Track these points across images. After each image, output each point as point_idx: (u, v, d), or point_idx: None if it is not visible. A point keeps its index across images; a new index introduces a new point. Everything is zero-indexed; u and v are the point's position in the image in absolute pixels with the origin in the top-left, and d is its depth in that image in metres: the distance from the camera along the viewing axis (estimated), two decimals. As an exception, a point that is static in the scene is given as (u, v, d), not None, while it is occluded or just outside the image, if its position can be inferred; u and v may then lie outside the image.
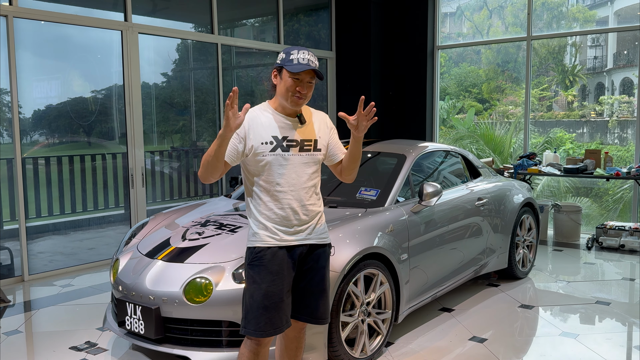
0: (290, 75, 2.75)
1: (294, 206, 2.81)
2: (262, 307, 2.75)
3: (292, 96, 2.77)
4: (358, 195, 4.49)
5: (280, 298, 2.78)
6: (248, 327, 2.79)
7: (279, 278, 2.78)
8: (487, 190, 5.41)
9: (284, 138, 2.81)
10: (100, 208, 7.18)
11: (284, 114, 2.85)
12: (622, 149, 11.50)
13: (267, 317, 2.76)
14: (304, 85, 2.77)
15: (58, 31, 6.47)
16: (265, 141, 2.78)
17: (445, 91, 12.95)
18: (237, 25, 9.04)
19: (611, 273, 6.18)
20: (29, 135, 6.49)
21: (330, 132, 3.00)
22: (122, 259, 4.10)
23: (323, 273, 2.93)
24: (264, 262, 2.78)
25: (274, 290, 2.76)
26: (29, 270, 6.06)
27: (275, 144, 2.79)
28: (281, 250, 2.80)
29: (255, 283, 2.78)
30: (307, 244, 2.87)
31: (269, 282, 2.76)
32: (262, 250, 2.80)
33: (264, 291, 2.76)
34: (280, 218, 2.80)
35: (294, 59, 2.74)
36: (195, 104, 8.07)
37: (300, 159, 2.83)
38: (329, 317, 3.01)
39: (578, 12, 12.60)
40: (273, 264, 2.78)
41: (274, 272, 2.77)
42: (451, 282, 4.84)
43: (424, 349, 4.11)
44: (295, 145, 2.83)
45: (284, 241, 2.81)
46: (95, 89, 6.97)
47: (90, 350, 4.14)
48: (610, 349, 4.11)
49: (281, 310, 2.79)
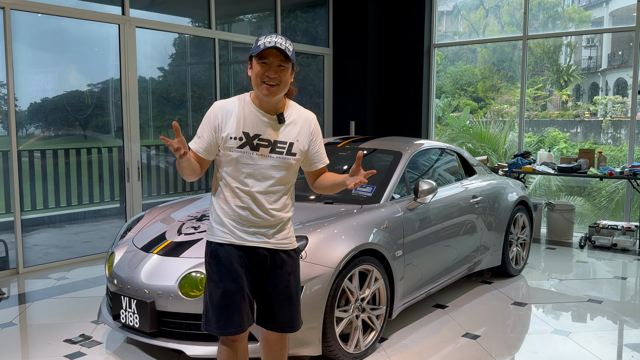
0: (258, 61, 2.57)
1: (253, 207, 2.66)
2: (221, 305, 2.65)
3: (262, 83, 2.57)
4: (354, 191, 4.51)
5: (241, 296, 2.66)
6: (209, 325, 2.69)
7: (237, 276, 2.66)
8: (482, 188, 5.44)
9: (256, 136, 2.64)
10: (96, 201, 7.18)
11: (262, 110, 2.66)
12: (615, 149, 11.56)
13: (227, 315, 2.65)
14: (272, 69, 2.56)
15: (55, 24, 6.46)
16: (235, 136, 2.62)
17: (441, 89, 12.99)
18: (234, 21, 9.05)
19: (603, 271, 6.23)
20: (25, 128, 6.48)
21: (313, 137, 2.78)
22: (118, 253, 4.10)
23: (288, 280, 2.76)
24: (220, 260, 2.67)
25: (232, 289, 2.65)
26: (23, 263, 6.06)
27: (244, 141, 2.63)
28: (235, 249, 2.68)
29: (213, 281, 2.67)
30: (264, 247, 2.71)
31: (227, 280, 2.65)
32: (218, 246, 2.69)
33: (222, 290, 2.65)
34: (237, 216, 2.67)
35: (261, 44, 2.56)
36: (192, 98, 8.08)
37: (269, 160, 2.66)
38: (299, 324, 2.85)
39: (573, 13, 12.66)
40: (229, 261, 2.66)
41: (232, 269, 2.66)
42: (445, 279, 4.87)
43: (417, 344, 4.14)
44: (266, 145, 2.65)
45: (239, 239, 2.68)
46: (91, 82, 6.96)
47: (85, 343, 4.15)
48: (601, 346, 4.15)
49: (242, 310, 2.67)
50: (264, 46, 2.55)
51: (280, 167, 2.68)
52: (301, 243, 3.59)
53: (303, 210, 4.23)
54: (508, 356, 4.03)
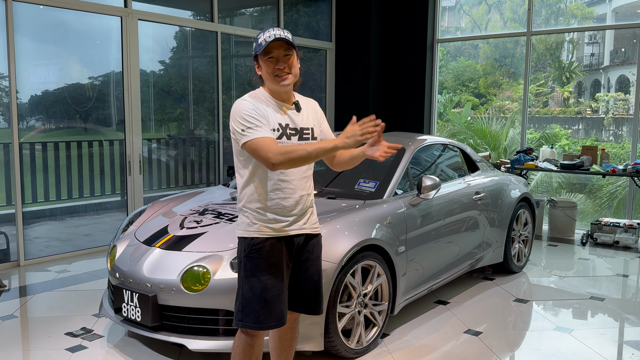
0: (264, 58, 2.66)
1: (296, 196, 2.75)
2: (263, 300, 2.69)
3: (275, 77, 2.67)
4: (357, 186, 4.50)
5: (280, 290, 2.73)
6: (246, 320, 2.72)
7: (278, 270, 2.73)
8: (485, 185, 5.43)
9: (287, 126, 2.74)
10: (97, 194, 7.16)
11: (281, 101, 2.76)
12: (616, 146, 11.55)
13: (268, 309, 2.70)
14: (281, 61, 2.66)
15: (57, 16, 6.43)
16: (274, 128, 2.69)
17: (443, 85, 12.96)
18: (236, 14, 9.01)
19: (605, 269, 6.22)
20: (26, 121, 6.46)
21: (321, 120, 2.93)
22: (120, 246, 4.09)
23: (318, 264, 2.90)
24: (262, 254, 2.71)
25: (274, 283, 2.71)
26: (24, 256, 6.05)
27: (281, 132, 2.71)
28: (279, 241, 2.74)
29: (254, 275, 2.71)
30: (303, 233, 2.81)
31: (269, 274, 2.70)
32: (260, 241, 2.72)
33: (264, 284, 2.69)
34: (281, 208, 2.73)
35: (262, 41, 2.64)
36: (193, 92, 8.05)
37: None
38: (323, 308, 2.97)
39: (576, 9, 12.61)
40: (272, 255, 2.72)
41: (273, 263, 2.72)
42: (447, 275, 4.86)
43: (419, 340, 4.13)
44: (295, 134, 2.76)
45: (283, 232, 2.74)
46: (93, 75, 6.94)
47: (86, 336, 4.15)
48: (603, 344, 4.14)
49: (282, 303, 2.75)
50: (266, 42, 2.63)
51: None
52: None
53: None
54: (509, 353, 4.03)
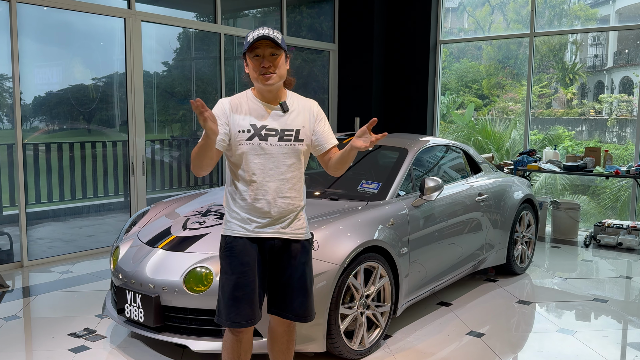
0: (250, 55, 2.67)
1: (269, 198, 2.71)
2: (233, 298, 2.70)
3: (260, 75, 2.66)
4: (359, 188, 4.50)
5: (251, 289, 2.71)
6: (220, 317, 2.76)
7: (250, 269, 2.71)
8: (488, 186, 5.42)
9: (263, 127, 2.71)
10: (100, 195, 7.18)
11: (265, 101, 2.74)
12: (620, 148, 11.53)
13: (238, 308, 2.70)
14: (266, 59, 2.65)
15: (61, 17, 6.45)
16: (243, 129, 2.69)
17: (446, 86, 12.96)
18: (240, 16, 9.02)
19: (608, 271, 6.21)
20: (30, 122, 6.48)
21: (317, 121, 2.84)
22: (123, 247, 4.10)
23: (303, 270, 2.81)
24: (234, 253, 2.73)
25: (244, 282, 2.70)
26: (28, 256, 6.07)
27: (252, 133, 2.69)
28: (251, 241, 2.73)
29: (226, 273, 2.73)
30: (280, 237, 2.76)
31: (240, 273, 2.70)
32: (233, 239, 2.74)
33: (234, 282, 2.70)
34: (254, 209, 2.72)
35: (250, 39, 2.66)
36: (197, 93, 8.06)
37: (279, 149, 2.72)
38: (313, 314, 2.89)
39: (580, 10, 12.60)
40: (244, 254, 2.71)
41: (245, 262, 2.71)
42: (450, 277, 4.85)
43: (422, 342, 4.13)
44: (274, 135, 2.71)
45: (255, 232, 2.73)
46: (96, 76, 6.96)
47: (89, 337, 4.15)
48: (606, 346, 4.13)
49: (253, 303, 2.73)
50: (253, 39, 2.64)
51: (291, 154, 2.74)
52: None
53: (308, 206, 4.20)
54: (512, 355, 4.02)
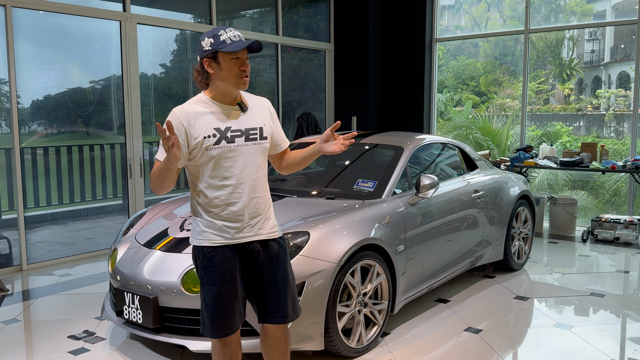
0: (228, 57, 2.58)
1: (244, 200, 2.67)
2: (216, 308, 2.66)
3: (239, 78, 2.61)
4: (355, 186, 4.52)
5: (234, 296, 2.69)
6: (204, 329, 2.73)
7: (231, 277, 2.67)
8: (484, 183, 5.44)
9: (227, 129, 2.63)
10: (99, 198, 7.19)
11: (223, 103, 2.67)
12: (618, 143, 11.54)
13: (222, 317, 2.67)
14: (245, 63, 2.63)
15: (56, 21, 6.47)
16: (208, 134, 2.59)
17: (443, 84, 12.96)
18: (235, 17, 9.04)
19: (606, 265, 6.23)
20: (28, 125, 6.49)
21: (274, 120, 2.83)
22: (121, 249, 4.12)
23: (285, 269, 2.79)
24: (214, 263, 2.65)
25: (226, 290, 2.66)
26: (27, 260, 6.09)
27: (219, 136, 2.61)
28: (231, 249, 2.68)
29: (207, 284, 2.67)
30: (257, 240, 2.73)
31: (221, 282, 2.65)
32: (211, 250, 2.67)
33: (216, 292, 2.65)
34: (230, 214, 2.66)
35: (226, 39, 2.58)
36: (193, 94, 8.05)
37: (247, 149, 2.67)
38: (299, 310, 2.89)
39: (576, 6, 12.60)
40: (224, 263, 2.65)
41: (226, 271, 2.66)
42: (447, 274, 4.87)
43: (420, 339, 4.15)
44: (240, 135, 2.66)
45: (235, 239, 2.68)
46: (93, 79, 6.97)
47: (89, 339, 4.17)
48: (603, 340, 4.15)
49: (235, 310, 2.70)
50: (234, 42, 2.58)
51: (258, 153, 2.72)
52: (303, 238, 3.61)
53: (305, 205, 4.24)
54: (510, 350, 4.04)
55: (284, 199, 4.45)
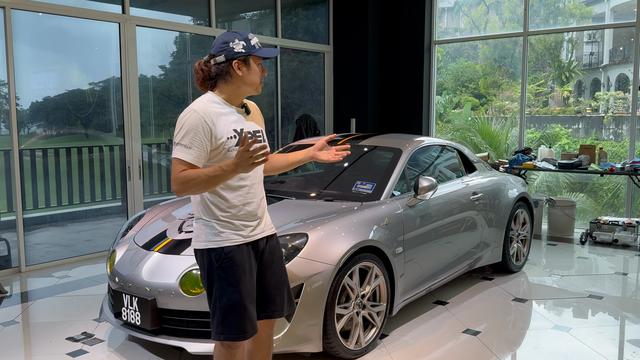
0: (259, 62, 2.70)
1: (256, 199, 2.74)
2: (244, 307, 2.64)
3: (260, 83, 2.73)
4: (354, 188, 4.52)
5: (255, 295, 2.73)
6: (227, 333, 2.64)
7: (251, 276, 2.70)
8: (482, 185, 5.45)
9: (242, 130, 2.69)
10: (98, 200, 7.19)
11: (233, 105, 2.71)
12: (616, 145, 11.54)
13: (249, 316, 2.67)
14: (264, 69, 2.75)
15: (56, 23, 6.48)
16: (230, 135, 2.62)
17: (442, 86, 12.98)
18: (235, 19, 9.05)
19: (604, 267, 6.23)
20: (27, 127, 6.49)
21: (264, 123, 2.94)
22: (119, 251, 4.12)
23: (281, 263, 2.89)
24: (236, 262, 2.65)
25: (250, 289, 2.68)
26: (26, 262, 6.09)
27: (238, 138, 2.64)
28: (248, 246, 2.71)
29: (232, 285, 2.63)
30: (264, 236, 2.80)
31: (245, 281, 2.66)
32: (232, 250, 2.66)
33: (242, 291, 2.64)
34: (246, 213, 2.70)
35: (255, 44, 2.67)
36: (193, 96, 8.08)
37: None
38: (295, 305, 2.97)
39: (575, 8, 12.62)
40: (245, 262, 2.68)
41: (247, 270, 2.68)
42: (446, 276, 4.88)
43: (418, 341, 4.15)
44: (251, 137, 2.71)
45: (250, 237, 2.71)
46: (92, 81, 6.98)
47: (87, 340, 4.17)
48: (602, 342, 4.16)
49: (254, 309, 2.74)
50: (262, 48, 2.69)
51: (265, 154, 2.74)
52: (301, 240, 3.61)
53: (303, 207, 4.24)
54: (509, 352, 4.04)
55: (283, 200, 4.46)
